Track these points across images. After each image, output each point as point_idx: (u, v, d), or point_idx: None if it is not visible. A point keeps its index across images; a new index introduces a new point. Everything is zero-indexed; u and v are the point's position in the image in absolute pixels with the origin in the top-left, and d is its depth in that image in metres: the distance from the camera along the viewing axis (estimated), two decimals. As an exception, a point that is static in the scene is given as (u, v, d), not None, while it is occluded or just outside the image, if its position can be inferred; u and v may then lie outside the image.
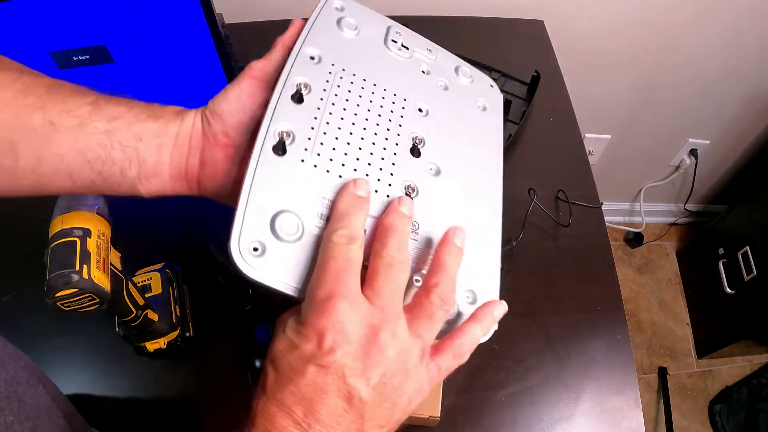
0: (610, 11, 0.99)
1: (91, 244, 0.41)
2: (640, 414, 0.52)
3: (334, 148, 0.35)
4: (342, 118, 0.36)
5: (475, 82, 0.47)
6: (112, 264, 0.44)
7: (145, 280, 0.56)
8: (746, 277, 1.24)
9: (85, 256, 0.40)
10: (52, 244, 0.39)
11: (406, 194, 0.36)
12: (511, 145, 0.71)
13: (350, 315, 0.27)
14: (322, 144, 0.34)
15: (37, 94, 0.33)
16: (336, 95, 0.37)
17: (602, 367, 0.55)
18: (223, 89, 0.37)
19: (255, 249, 0.29)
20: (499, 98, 0.47)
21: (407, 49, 0.44)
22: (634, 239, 1.68)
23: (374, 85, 0.40)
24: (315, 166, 0.34)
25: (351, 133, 0.36)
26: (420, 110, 0.41)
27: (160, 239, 0.64)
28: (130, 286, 0.48)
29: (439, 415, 0.43)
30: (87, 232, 0.41)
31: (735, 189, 1.54)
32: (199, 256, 0.62)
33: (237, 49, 0.67)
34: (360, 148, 0.36)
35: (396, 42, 0.44)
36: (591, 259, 0.63)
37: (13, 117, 0.32)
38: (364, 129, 0.37)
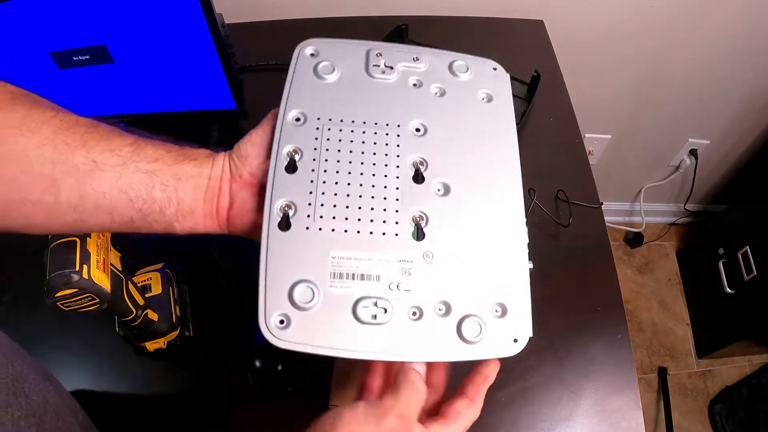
0: (610, 11, 0.99)
1: (91, 244, 0.41)
2: (640, 414, 0.52)
3: (334, 205, 0.36)
4: (337, 171, 0.37)
5: (474, 73, 0.45)
6: (112, 264, 0.44)
7: (145, 280, 0.56)
8: (746, 277, 1.24)
9: (85, 256, 0.40)
10: (52, 244, 0.40)
11: (416, 224, 0.36)
12: (511, 145, 0.71)
13: None
14: (322, 205, 0.36)
15: (77, 133, 0.34)
16: (327, 149, 0.38)
17: (602, 367, 0.55)
18: (248, 133, 0.40)
19: (281, 322, 0.33)
20: (504, 80, 0.45)
21: (391, 68, 0.43)
22: (634, 239, 1.68)
23: (364, 123, 0.40)
24: (320, 229, 0.35)
25: (349, 184, 0.37)
26: (417, 130, 0.41)
27: (160, 239, 0.64)
28: (130, 286, 0.48)
29: None
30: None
31: (735, 189, 1.54)
32: (199, 256, 0.62)
33: (237, 49, 0.67)
34: (360, 196, 0.36)
35: (378, 66, 0.43)
36: (591, 259, 0.63)
37: (55, 153, 0.33)
38: (361, 174, 0.37)
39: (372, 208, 0.36)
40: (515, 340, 0.35)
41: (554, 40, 0.90)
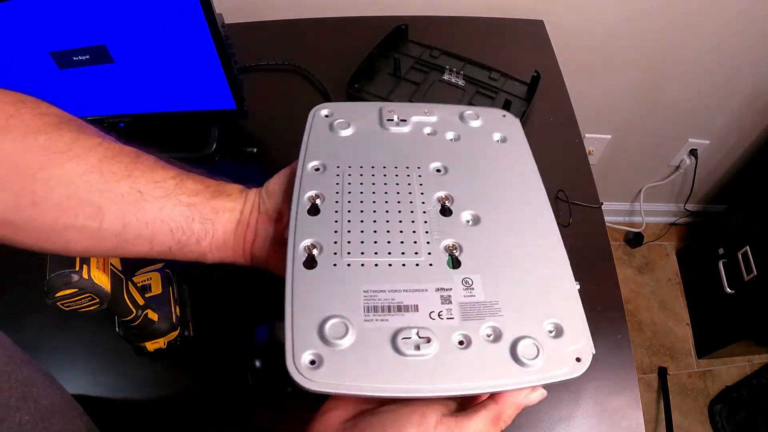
0: (610, 11, 0.99)
1: None
2: (640, 414, 0.52)
3: (362, 242, 0.35)
4: (362, 211, 0.37)
5: (485, 120, 0.46)
6: (112, 264, 0.44)
7: (145, 280, 0.56)
8: (746, 277, 1.24)
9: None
10: None
11: (450, 254, 0.36)
12: (511, 145, 0.71)
13: None
14: (349, 242, 0.35)
15: (123, 162, 0.35)
16: (350, 192, 0.38)
17: (602, 367, 0.55)
18: (278, 172, 0.41)
19: (312, 362, 0.30)
20: (515, 125, 0.46)
21: (405, 121, 0.44)
22: (634, 239, 1.68)
23: (384, 167, 0.40)
24: (348, 265, 0.34)
25: (375, 221, 0.36)
26: (438, 171, 0.41)
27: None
28: (130, 286, 0.48)
29: None
30: None
31: (735, 189, 1.54)
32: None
33: (237, 49, 0.67)
34: (388, 231, 0.36)
35: (392, 120, 0.44)
36: (591, 259, 0.63)
37: (101, 181, 0.33)
38: (387, 212, 0.37)
39: (402, 242, 0.36)
40: (578, 359, 0.33)
41: (554, 40, 0.90)
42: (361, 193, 0.38)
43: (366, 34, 0.84)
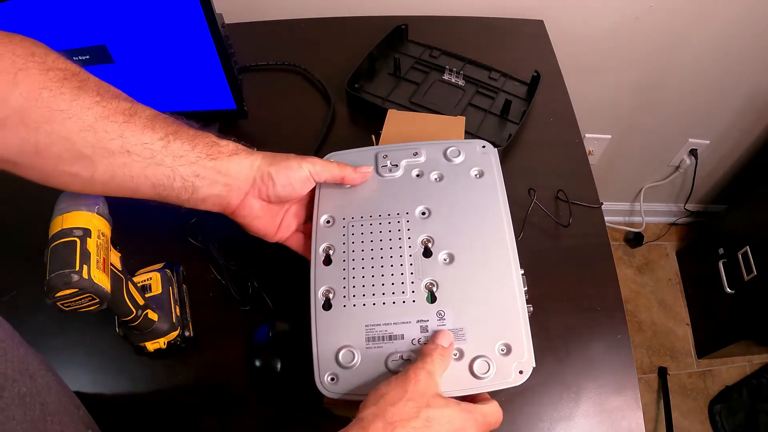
0: (610, 11, 0.99)
1: (91, 244, 0.41)
2: (640, 414, 0.52)
3: (363, 285, 0.46)
4: (363, 259, 0.47)
5: (466, 155, 0.53)
6: (112, 264, 0.44)
7: (145, 280, 0.56)
8: (746, 277, 1.24)
9: (85, 256, 0.40)
10: (52, 244, 0.39)
11: (429, 290, 0.45)
12: (511, 145, 0.71)
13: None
14: (354, 287, 0.46)
15: (117, 122, 0.39)
16: (353, 242, 0.48)
17: (602, 367, 0.55)
18: (287, 168, 0.48)
19: (332, 379, 0.43)
20: (492, 156, 0.53)
21: (396, 166, 0.52)
22: (634, 239, 1.68)
23: (379, 216, 0.50)
24: (354, 306, 0.45)
25: (372, 267, 0.47)
26: (423, 213, 0.49)
27: (160, 239, 0.64)
28: (130, 286, 0.48)
29: None
30: (87, 232, 0.41)
31: (735, 189, 1.54)
32: (199, 256, 0.62)
33: (237, 49, 0.67)
34: (383, 275, 0.46)
35: (386, 165, 0.53)
36: (591, 259, 0.63)
37: (95, 140, 0.38)
38: (381, 258, 0.47)
39: (393, 284, 0.46)
40: (520, 372, 0.42)
41: (554, 40, 0.90)
42: (362, 242, 0.48)
43: (366, 34, 0.84)
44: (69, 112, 0.37)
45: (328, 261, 0.48)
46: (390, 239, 0.48)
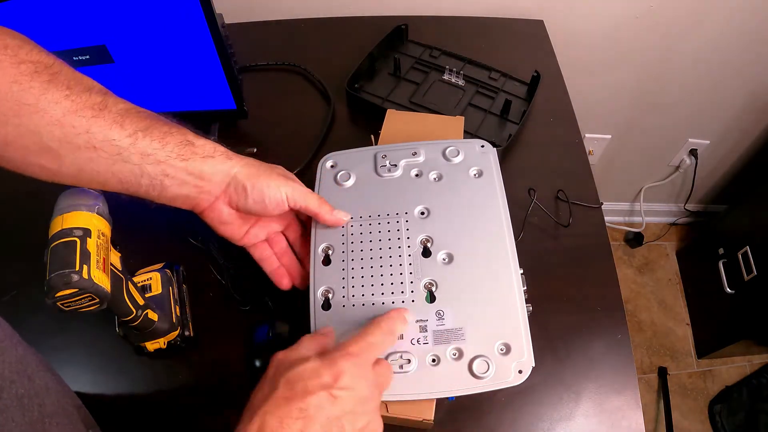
0: (610, 11, 0.99)
1: (91, 244, 0.41)
2: (640, 414, 0.52)
3: (362, 285, 0.45)
4: (362, 259, 0.47)
5: (465, 154, 0.53)
6: (112, 264, 0.44)
7: (145, 280, 0.56)
8: (746, 277, 1.24)
9: (85, 256, 0.40)
10: (52, 244, 0.39)
11: (428, 290, 0.45)
12: (511, 145, 0.71)
13: (367, 373, 0.37)
14: (353, 287, 0.45)
15: (84, 117, 0.38)
16: (352, 242, 0.48)
17: (602, 367, 0.55)
18: (264, 186, 0.46)
19: None
20: (491, 155, 0.53)
21: (395, 166, 0.52)
22: (634, 239, 1.68)
23: (378, 216, 0.49)
24: (353, 305, 0.45)
25: (372, 267, 0.46)
26: (422, 213, 0.49)
27: (160, 239, 0.64)
28: (130, 286, 0.48)
29: (432, 418, 0.43)
30: (87, 233, 0.41)
31: (735, 189, 1.54)
32: (199, 256, 0.62)
33: (237, 49, 0.67)
34: (381, 275, 0.46)
35: (384, 165, 0.52)
36: (591, 259, 0.63)
37: (62, 134, 0.38)
38: (380, 258, 0.47)
39: (392, 283, 0.45)
40: (520, 371, 0.42)
41: (554, 40, 0.90)
42: (361, 242, 0.48)
43: (366, 34, 0.84)
44: (37, 107, 0.37)
45: (327, 261, 0.47)
46: (389, 239, 0.48)
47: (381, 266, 0.46)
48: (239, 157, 0.47)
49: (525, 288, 0.45)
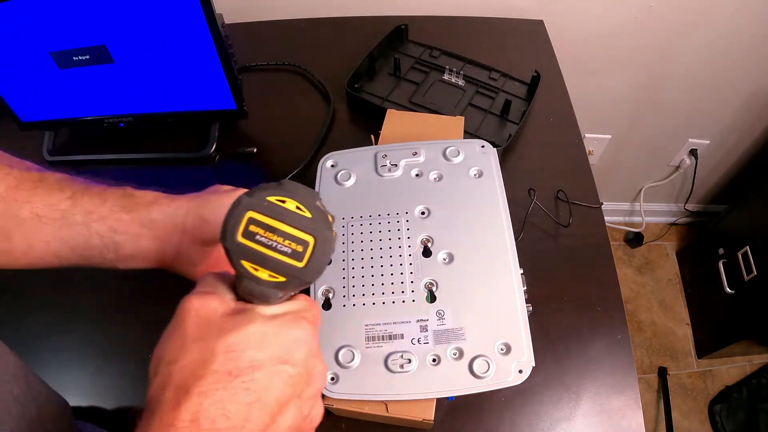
0: (610, 11, 0.99)
1: None
2: (640, 414, 0.52)
3: (363, 285, 0.45)
4: (362, 258, 0.47)
5: (465, 154, 0.53)
6: None
7: None
8: (746, 277, 1.24)
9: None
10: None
11: (428, 290, 0.45)
12: (511, 145, 0.71)
13: (315, 345, 0.30)
14: (354, 287, 0.45)
15: (25, 189, 0.39)
16: (353, 242, 0.48)
17: (602, 367, 0.55)
18: (219, 204, 0.41)
19: (332, 379, 0.42)
20: (491, 155, 0.53)
21: (396, 165, 0.52)
22: (634, 239, 1.68)
23: (379, 215, 0.49)
24: (354, 305, 0.45)
25: (372, 267, 0.46)
26: (422, 213, 0.49)
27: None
28: None
29: (432, 418, 0.43)
30: None
31: (735, 189, 1.54)
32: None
33: (237, 49, 0.67)
34: (382, 275, 0.46)
35: (385, 165, 0.52)
36: (591, 259, 0.63)
37: (6, 208, 0.38)
38: (381, 257, 0.46)
39: (392, 283, 0.45)
40: (520, 371, 0.42)
41: (554, 40, 0.90)
42: (362, 242, 0.47)
43: (366, 34, 0.84)
44: None
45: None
46: (389, 239, 0.48)
47: (381, 266, 0.46)
48: (182, 196, 0.43)
49: (525, 288, 0.45)
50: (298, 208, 0.27)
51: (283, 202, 0.27)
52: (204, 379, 0.25)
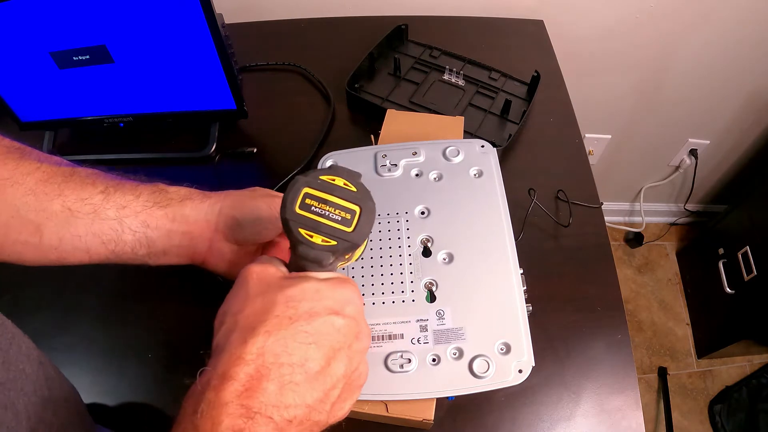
0: (610, 11, 0.99)
1: None
2: (640, 414, 0.52)
3: (363, 285, 0.45)
4: (362, 258, 0.46)
5: (465, 154, 0.53)
6: None
7: None
8: (746, 277, 1.24)
9: None
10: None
11: (428, 290, 0.45)
12: (511, 145, 0.71)
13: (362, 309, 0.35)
14: None
15: (56, 183, 0.39)
16: None
17: (602, 367, 0.55)
18: (255, 207, 0.43)
19: None
20: (491, 155, 0.53)
21: (396, 165, 0.52)
22: (634, 239, 1.68)
23: (378, 215, 0.48)
24: None
25: (372, 266, 0.46)
26: (422, 213, 0.49)
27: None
28: None
29: (432, 418, 0.43)
30: None
31: (735, 189, 1.54)
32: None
33: (237, 49, 0.67)
34: (382, 275, 0.46)
35: (385, 165, 0.52)
36: (591, 259, 0.63)
37: (36, 202, 0.38)
38: (381, 257, 0.47)
39: (392, 283, 0.45)
40: (520, 371, 0.42)
41: (554, 40, 0.90)
42: None
43: (366, 34, 0.84)
44: (11, 180, 0.37)
45: None
46: (389, 239, 0.48)
47: (381, 266, 0.46)
48: (216, 193, 0.44)
49: (525, 288, 0.45)
50: (345, 184, 0.33)
51: (333, 180, 0.33)
52: (268, 321, 0.28)
